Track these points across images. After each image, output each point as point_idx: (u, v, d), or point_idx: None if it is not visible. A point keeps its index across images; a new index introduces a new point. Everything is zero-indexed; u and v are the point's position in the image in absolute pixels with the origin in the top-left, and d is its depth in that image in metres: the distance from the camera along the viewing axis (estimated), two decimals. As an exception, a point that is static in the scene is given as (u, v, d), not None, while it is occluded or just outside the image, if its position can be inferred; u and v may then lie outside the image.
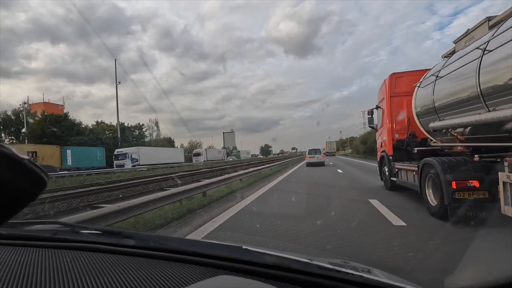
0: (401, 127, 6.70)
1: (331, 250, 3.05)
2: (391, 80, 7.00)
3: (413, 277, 2.04)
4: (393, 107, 6.91)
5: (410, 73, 6.87)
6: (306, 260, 0.72)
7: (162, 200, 4.98)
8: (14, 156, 0.42)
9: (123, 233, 1.06)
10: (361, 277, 0.66)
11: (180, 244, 0.93)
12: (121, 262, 0.79)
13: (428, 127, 5.39)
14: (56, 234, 1.04)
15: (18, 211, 0.50)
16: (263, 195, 7.56)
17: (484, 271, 1.95)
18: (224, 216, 4.98)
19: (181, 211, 5.37)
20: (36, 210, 5.97)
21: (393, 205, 5.31)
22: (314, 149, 21.04)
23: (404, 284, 0.65)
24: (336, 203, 6.05)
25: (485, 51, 3.54)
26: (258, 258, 0.75)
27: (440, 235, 3.57)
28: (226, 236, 3.88)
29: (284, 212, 5.26)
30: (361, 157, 35.75)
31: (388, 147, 7.05)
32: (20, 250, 0.89)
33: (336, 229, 3.82)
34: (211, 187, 7.41)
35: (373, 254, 2.87)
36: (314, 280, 0.67)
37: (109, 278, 0.69)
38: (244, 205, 6.00)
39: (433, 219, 4.24)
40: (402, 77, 6.94)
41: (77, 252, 0.87)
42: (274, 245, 3.40)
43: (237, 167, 21.81)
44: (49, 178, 0.50)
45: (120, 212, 3.78)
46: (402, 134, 6.63)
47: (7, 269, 0.73)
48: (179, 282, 0.67)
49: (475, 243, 3.01)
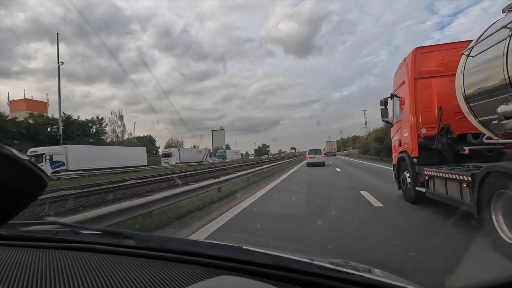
0: (430, 119, 5.04)
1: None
2: (415, 57, 5.29)
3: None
4: (418, 93, 5.21)
5: (440, 47, 5.31)
6: (306, 260, 0.72)
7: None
8: (15, 157, 0.42)
9: (123, 233, 1.07)
10: (362, 277, 0.66)
11: (180, 245, 0.93)
12: (122, 263, 0.79)
13: (485, 115, 3.68)
14: (57, 234, 1.04)
15: (19, 211, 0.50)
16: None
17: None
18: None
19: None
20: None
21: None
22: (314, 149, 21.05)
23: (404, 284, 0.65)
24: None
25: None
26: (258, 258, 0.75)
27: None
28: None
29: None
30: (372, 159, 28.74)
31: (410, 146, 5.33)
32: (21, 251, 0.89)
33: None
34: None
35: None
36: (315, 280, 0.67)
37: (109, 279, 0.69)
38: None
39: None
40: (430, 52, 5.27)
41: (77, 253, 0.87)
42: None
43: (205, 173, 16.62)
44: (50, 179, 0.50)
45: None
46: (431, 129, 5.01)
47: (7, 270, 0.73)
48: (179, 282, 0.67)
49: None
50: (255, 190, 8.36)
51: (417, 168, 5.07)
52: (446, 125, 4.86)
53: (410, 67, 5.38)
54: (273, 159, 44.62)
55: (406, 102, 5.50)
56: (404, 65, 5.72)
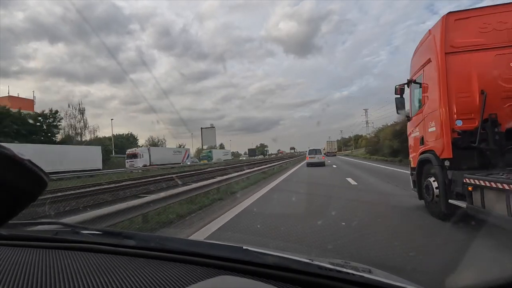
0: (468, 107, 3.81)
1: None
2: (446, 25, 3.98)
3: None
4: (451, 73, 3.91)
5: (480, 11, 3.98)
6: (307, 261, 0.72)
7: None
8: (15, 157, 0.42)
9: (123, 233, 1.07)
10: (362, 277, 0.66)
11: (180, 245, 0.93)
12: (122, 263, 0.79)
13: None
14: (57, 234, 1.04)
15: (19, 211, 0.50)
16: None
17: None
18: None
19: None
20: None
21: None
22: (314, 149, 21.05)
23: (405, 284, 0.65)
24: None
25: None
26: (259, 258, 0.75)
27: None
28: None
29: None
30: (386, 161, 22.27)
31: (440, 144, 4.01)
32: (21, 251, 0.89)
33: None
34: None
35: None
36: (315, 281, 0.67)
37: (109, 279, 0.69)
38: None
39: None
40: (467, 18, 3.99)
41: (78, 253, 0.87)
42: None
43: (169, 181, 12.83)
44: (50, 179, 0.50)
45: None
46: (470, 121, 3.80)
47: (8, 270, 0.73)
48: (180, 282, 0.67)
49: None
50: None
51: (451, 174, 3.82)
52: (491, 116, 3.64)
53: (439, 39, 4.01)
54: (265, 160, 40.88)
55: (433, 87, 4.18)
56: (429, 38, 4.37)
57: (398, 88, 5.12)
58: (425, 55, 4.47)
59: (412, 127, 5.27)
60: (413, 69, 5.09)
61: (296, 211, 5.38)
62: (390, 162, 20.64)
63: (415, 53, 5.09)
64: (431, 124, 4.31)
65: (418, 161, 4.75)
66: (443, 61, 3.95)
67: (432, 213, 4.28)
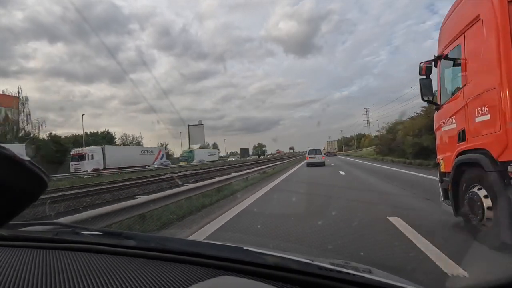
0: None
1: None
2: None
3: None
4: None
5: None
6: (307, 261, 0.72)
7: None
8: (15, 157, 0.42)
9: (123, 234, 1.07)
10: (362, 277, 0.66)
11: (181, 245, 0.93)
12: (122, 263, 0.79)
13: None
14: (57, 235, 1.04)
15: (19, 212, 0.50)
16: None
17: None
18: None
19: None
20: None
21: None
22: (314, 149, 21.04)
23: (405, 284, 0.65)
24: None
25: None
26: (259, 258, 0.75)
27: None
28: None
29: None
30: (410, 164, 16.70)
31: (502, 139, 2.59)
32: (21, 251, 0.89)
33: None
34: None
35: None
36: (315, 281, 0.67)
37: (110, 279, 0.69)
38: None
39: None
40: None
41: (78, 253, 0.87)
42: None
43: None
44: (50, 179, 0.50)
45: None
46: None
47: (8, 270, 0.73)
48: (180, 282, 0.67)
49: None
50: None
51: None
52: None
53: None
54: (257, 161, 36.41)
55: (487, 56, 2.86)
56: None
57: (424, 66, 3.85)
58: (468, 14, 3.21)
59: (443, 118, 3.87)
60: (443, 42, 3.88)
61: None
62: (415, 167, 14.99)
63: (446, 20, 3.89)
64: (481, 110, 2.98)
65: (454, 165, 3.44)
66: (505, 14, 2.63)
67: (481, 239, 2.90)
